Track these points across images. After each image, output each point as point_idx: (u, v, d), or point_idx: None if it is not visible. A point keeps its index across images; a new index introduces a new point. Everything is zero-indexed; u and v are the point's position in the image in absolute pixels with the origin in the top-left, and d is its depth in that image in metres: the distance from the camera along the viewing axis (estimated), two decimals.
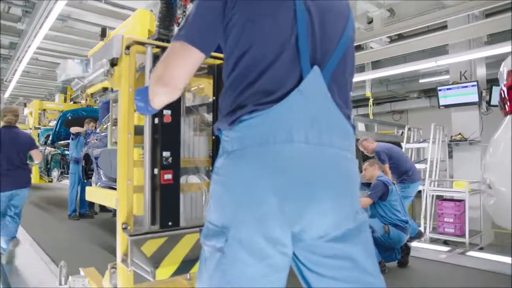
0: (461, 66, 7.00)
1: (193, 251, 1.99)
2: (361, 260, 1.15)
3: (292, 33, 1.15)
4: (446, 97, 7.21)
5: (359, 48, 8.29)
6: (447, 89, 7.17)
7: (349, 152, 1.18)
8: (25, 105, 10.12)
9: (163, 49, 2.18)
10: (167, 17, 2.44)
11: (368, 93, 9.29)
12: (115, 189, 2.67)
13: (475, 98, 6.67)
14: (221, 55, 2.19)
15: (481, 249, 6.07)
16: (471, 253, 5.13)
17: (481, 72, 7.07)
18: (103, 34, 3.25)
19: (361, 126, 9.33)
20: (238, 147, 1.12)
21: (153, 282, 2.49)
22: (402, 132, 8.75)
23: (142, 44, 2.23)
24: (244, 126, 1.12)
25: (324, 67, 1.17)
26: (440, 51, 7.65)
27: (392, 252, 4.17)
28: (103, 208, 7.46)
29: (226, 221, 1.11)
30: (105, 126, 5.44)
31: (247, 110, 1.12)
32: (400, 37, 8.17)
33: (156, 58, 2.20)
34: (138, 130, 2.23)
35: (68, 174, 7.33)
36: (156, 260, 1.87)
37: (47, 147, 8.16)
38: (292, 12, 1.16)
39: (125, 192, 2.17)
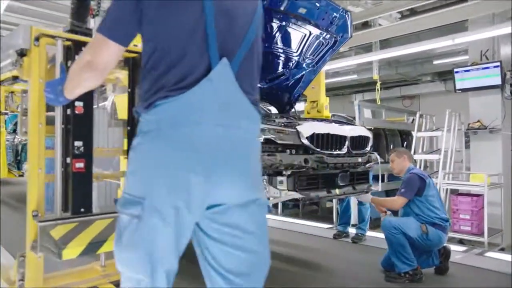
0: (482, 44, 6.89)
1: (102, 234, 2.30)
2: (252, 232, 1.46)
3: (201, 25, 1.40)
4: (463, 80, 7.15)
5: (366, 25, 8.11)
6: (465, 71, 7.11)
7: (254, 134, 1.49)
8: None
9: (75, 42, 2.48)
10: (80, 8, 2.63)
11: (375, 76, 9.20)
12: None
13: (497, 80, 6.58)
14: (136, 49, 2.64)
15: (502, 249, 6.03)
16: (490, 253, 5.04)
17: (505, 51, 6.96)
18: None
19: (367, 113, 9.18)
20: (153, 128, 1.37)
21: (66, 270, 2.93)
22: (413, 119, 8.66)
23: (52, 37, 2.45)
24: (158, 110, 1.36)
25: (233, 58, 1.43)
26: (458, 28, 7.48)
27: (429, 256, 3.96)
28: None
29: (142, 192, 1.37)
30: None
31: (161, 95, 1.36)
32: (413, 12, 8.00)
33: (68, 50, 2.47)
34: (49, 120, 2.47)
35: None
36: (63, 242, 2.13)
37: (17, 136, 7.91)
38: (200, 6, 1.40)
39: (36, 181, 2.43)
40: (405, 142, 9.03)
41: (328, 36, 4.25)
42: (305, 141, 3.38)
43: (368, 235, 5.54)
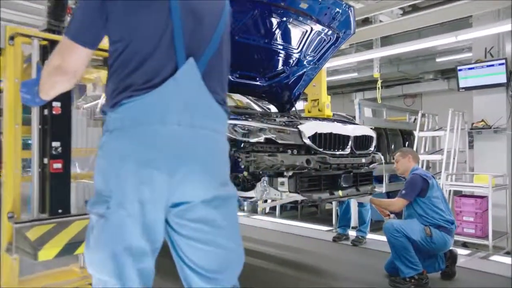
0: (487, 41, 6.88)
1: (79, 234, 2.34)
2: (222, 227, 1.51)
3: (168, 27, 1.46)
4: (467, 78, 7.15)
5: (366, 21, 8.08)
6: (469, 68, 7.11)
7: (219, 133, 1.55)
8: None
9: (51, 42, 2.48)
10: (57, 7, 2.65)
11: (376, 74, 9.18)
12: None
13: (502, 78, 6.57)
14: None
15: (507, 253, 6.01)
16: (495, 257, 5.02)
17: (511, 48, 6.91)
18: None
19: (367, 112, 9.16)
20: (118, 126, 1.43)
21: (45, 272, 2.98)
22: (415, 119, 8.63)
23: (28, 36, 2.48)
24: (124, 109, 1.42)
25: (200, 58, 1.50)
26: (461, 24, 7.46)
27: (434, 260, 3.94)
28: None
29: (109, 190, 1.42)
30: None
31: (127, 95, 1.42)
32: (415, 8, 7.96)
33: (45, 49, 2.51)
34: (26, 121, 2.54)
35: (29, 168, 7.05)
36: (39, 243, 2.17)
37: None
38: (167, 6, 1.46)
39: (11, 182, 2.47)
40: (407, 142, 9.01)
41: (330, 32, 4.24)
42: (307, 141, 3.35)
43: (369, 238, 5.53)
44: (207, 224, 1.48)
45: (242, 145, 3.14)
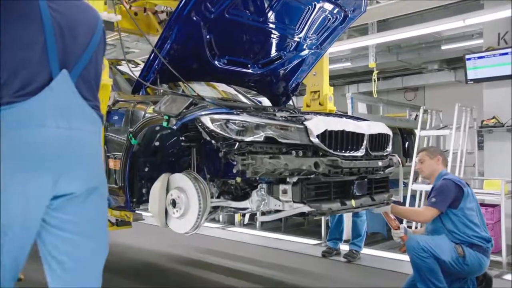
0: (500, 26, 6.88)
1: None
2: (92, 219, 1.95)
3: (40, 40, 1.81)
4: (476, 69, 7.16)
5: None
6: (479, 57, 7.12)
7: (96, 135, 2.03)
8: None
9: None
10: None
11: (371, 63, 9.18)
12: None
13: None
14: None
15: None
16: (509, 276, 5.04)
17: None
18: None
19: (362, 107, 9.17)
20: None
21: None
22: (417, 115, 8.70)
23: None
24: (3, 115, 1.71)
25: (72, 69, 1.90)
26: (471, 6, 7.55)
27: (464, 283, 3.81)
28: None
29: None
30: None
31: (5, 101, 1.73)
32: None
33: None
34: None
35: None
36: None
37: None
38: (39, 22, 1.80)
39: None
40: (407, 142, 9.05)
41: (337, 10, 4.13)
42: (315, 140, 3.17)
43: (363, 253, 5.50)
44: (79, 216, 1.88)
45: (236, 145, 2.95)
